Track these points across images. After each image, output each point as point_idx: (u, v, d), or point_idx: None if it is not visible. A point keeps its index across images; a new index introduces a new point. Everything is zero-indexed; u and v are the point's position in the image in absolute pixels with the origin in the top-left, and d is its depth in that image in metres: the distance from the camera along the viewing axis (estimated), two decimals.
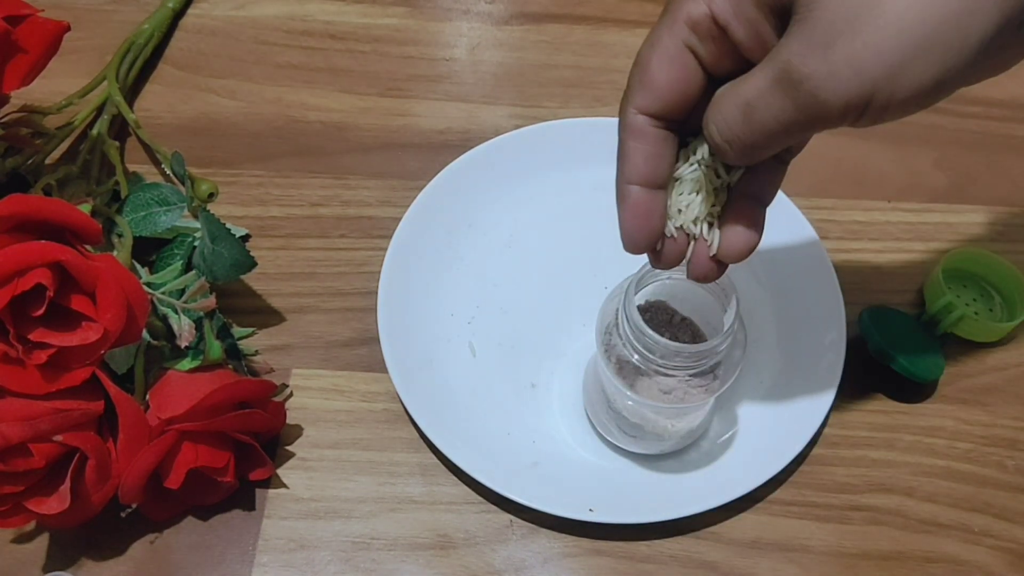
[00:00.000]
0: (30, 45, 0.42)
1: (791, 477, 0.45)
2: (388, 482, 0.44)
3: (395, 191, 0.54)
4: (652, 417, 0.41)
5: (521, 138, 0.54)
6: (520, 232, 0.52)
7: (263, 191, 0.54)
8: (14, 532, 0.42)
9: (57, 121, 0.51)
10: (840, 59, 0.25)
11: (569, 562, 0.42)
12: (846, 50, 0.25)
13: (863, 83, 0.25)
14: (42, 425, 0.36)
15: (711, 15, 0.28)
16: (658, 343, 0.36)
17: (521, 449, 0.45)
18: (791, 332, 0.48)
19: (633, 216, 0.32)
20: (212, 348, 0.42)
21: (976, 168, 0.56)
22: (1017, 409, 0.47)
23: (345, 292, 0.50)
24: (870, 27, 0.25)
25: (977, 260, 0.50)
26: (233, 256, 0.45)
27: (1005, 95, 0.58)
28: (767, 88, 0.27)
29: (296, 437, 0.46)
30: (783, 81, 0.26)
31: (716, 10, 0.28)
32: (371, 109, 0.58)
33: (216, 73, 0.59)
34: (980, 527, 0.44)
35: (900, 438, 0.46)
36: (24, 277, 0.35)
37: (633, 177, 0.32)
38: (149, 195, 0.47)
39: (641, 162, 0.31)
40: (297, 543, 0.43)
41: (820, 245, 0.49)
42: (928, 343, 0.47)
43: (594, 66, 0.60)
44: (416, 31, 0.62)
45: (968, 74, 0.26)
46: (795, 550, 0.43)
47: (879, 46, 0.25)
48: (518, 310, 0.49)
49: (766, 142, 0.28)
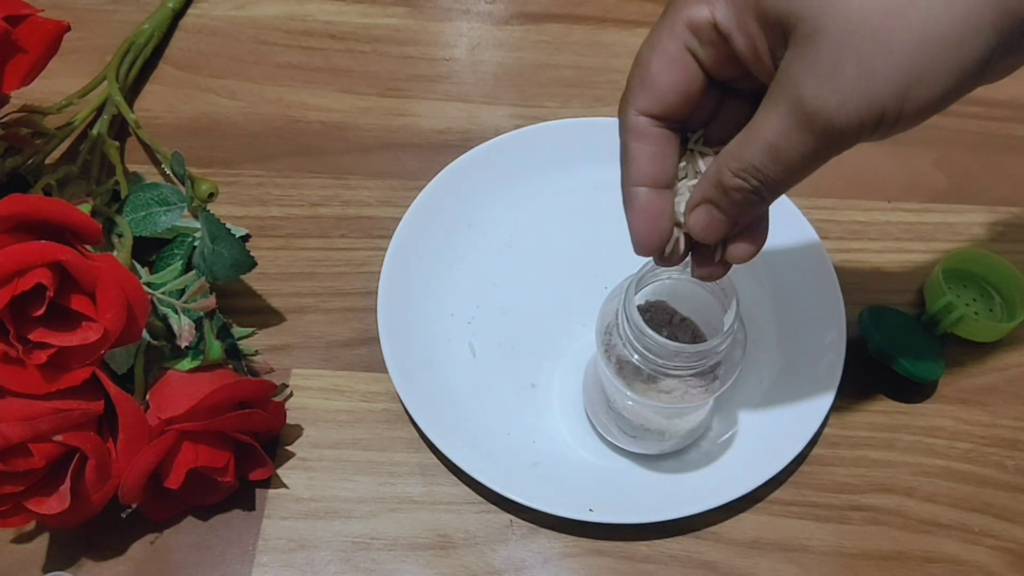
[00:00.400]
0: (30, 45, 0.42)
1: (791, 477, 0.45)
2: (388, 482, 0.44)
3: (395, 191, 0.54)
4: (652, 417, 0.41)
5: (521, 138, 0.54)
6: (520, 232, 0.52)
7: (263, 191, 0.54)
8: (14, 532, 0.42)
9: (57, 121, 0.51)
10: (849, 87, 0.26)
11: (569, 562, 0.42)
12: (853, 76, 0.25)
13: (873, 105, 0.26)
14: (42, 425, 0.36)
15: (713, 22, 0.28)
16: (658, 343, 0.36)
17: (521, 449, 0.45)
18: (791, 332, 0.48)
19: (642, 219, 0.32)
20: (212, 348, 0.42)
21: (976, 168, 0.56)
22: (1017, 409, 0.47)
23: (345, 292, 0.50)
24: (874, 53, 0.25)
25: (977, 260, 0.50)
26: (233, 256, 0.45)
27: (1005, 95, 0.58)
28: (788, 127, 0.27)
29: (296, 437, 0.46)
30: (799, 117, 0.27)
31: (719, 18, 0.28)
32: (371, 109, 0.58)
33: (216, 73, 0.59)
34: (980, 527, 0.43)
35: (900, 438, 0.46)
36: (24, 277, 0.35)
37: (639, 179, 0.31)
38: (149, 195, 0.47)
39: (646, 163, 0.31)
40: (297, 543, 0.43)
41: (820, 245, 0.49)
42: (928, 343, 0.47)
43: (594, 66, 0.60)
44: (416, 31, 0.62)
45: (974, 84, 0.26)
46: (795, 550, 0.43)
47: (885, 72, 0.25)
48: (518, 310, 0.49)
49: (796, 176, 0.29)
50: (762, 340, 0.47)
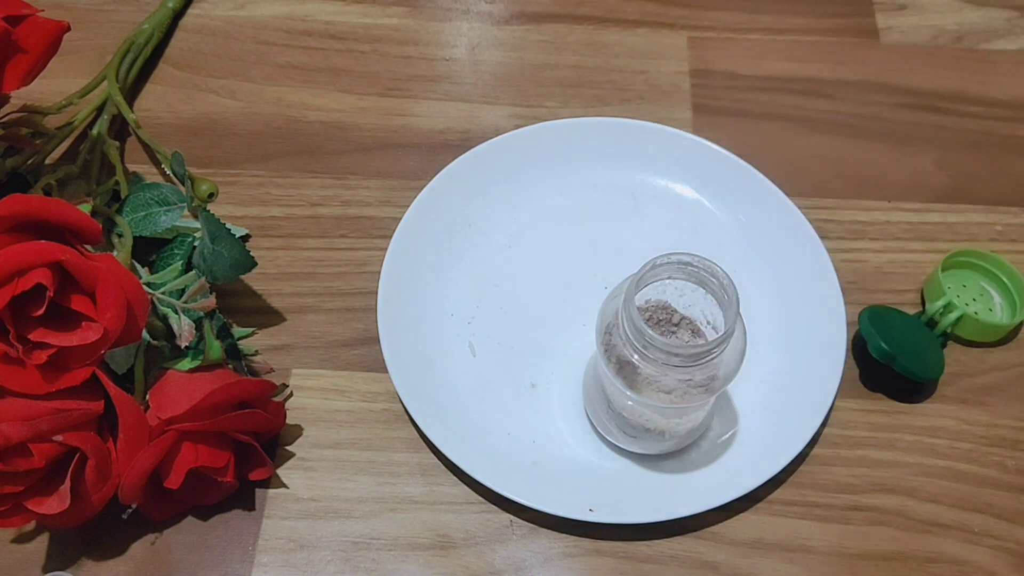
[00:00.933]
0: (30, 45, 0.42)
1: (791, 477, 0.45)
2: (388, 482, 0.44)
3: (395, 191, 0.54)
4: (652, 417, 0.41)
5: (521, 138, 0.54)
6: (520, 232, 0.52)
7: (263, 191, 0.54)
8: (14, 532, 0.42)
9: (57, 121, 0.51)
10: None
11: (569, 562, 0.42)
12: None
13: None
14: (42, 425, 0.36)
15: None
16: (658, 343, 0.36)
17: (521, 449, 0.45)
18: (791, 332, 0.48)
19: None
20: (212, 348, 0.42)
21: (977, 168, 0.56)
22: (1017, 409, 0.47)
23: (345, 292, 0.50)
24: None
25: (977, 260, 0.50)
26: (233, 256, 0.45)
27: (1005, 95, 0.58)
28: None
29: (296, 437, 0.46)
30: None
31: None
32: (371, 109, 0.58)
33: (216, 73, 0.59)
34: (981, 527, 0.43)
35: (901, 438, 0.46)
36: (24, 277, 0.35)
37: None
38: (149, 195, 0.47)
39: None
40: (297, 543, 0.43)
41: (820, 245, 0.49)
42: (928, 343, 0.47)
43: (594, 66, 0.60)
44: (416, 31, 0.62)
45: None
46: (796, 550, 0.43)
47: None
48: (518, 310, 0.49)
49: None
50: (762, 340, 0.47)
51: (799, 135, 0.57)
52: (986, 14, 0.63)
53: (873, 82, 0.59)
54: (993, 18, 0.62)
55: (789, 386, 0.46)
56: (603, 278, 0.48)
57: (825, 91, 0.59)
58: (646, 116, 0.56)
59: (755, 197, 0.52)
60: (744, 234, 0.51)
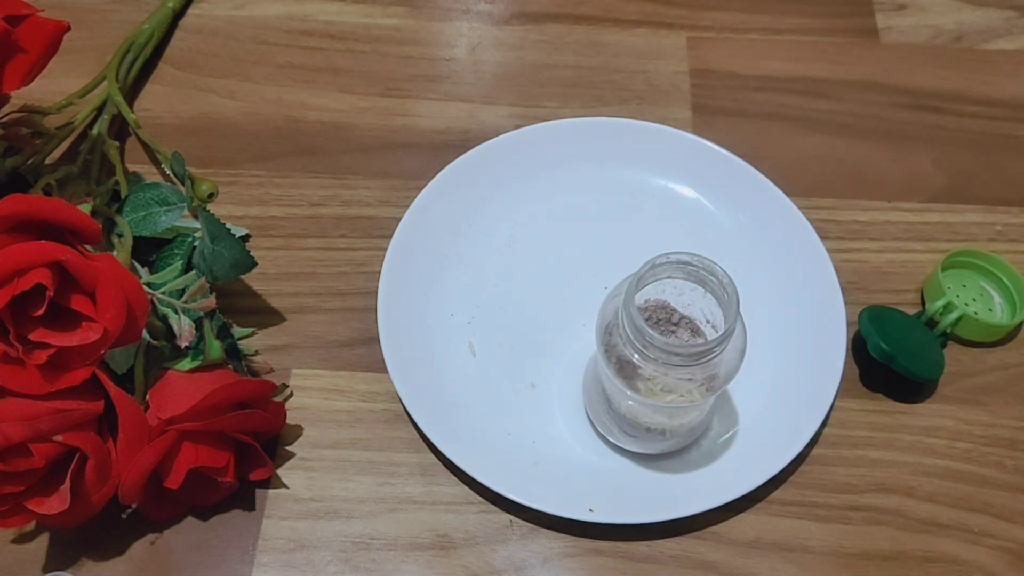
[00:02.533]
0: (30, 45, 0.42)
1: (791, 477, 0.45)
2: (388, 482, 0.44)
3: (395, 191, 0.54)
4: (652, 416, 0.41)
5: (521, 138, 0.54)
6: (520, 232, 0.52)
7: (263, 191, 0.54)
8: (14, 532, 0.42)
9: (57, 121, 0.51)
10: None
11: (569, 562, 0.42)
12: None
13: None
14: (42, 425, 0.36)
15: None
16: (658, 343, 0.36)
17: (521, 449, 0.45)
18: (791, 332, 0.48)
19: None
20: (212, 348, 0.42)
21: (976, 168, 0.56)
22: (1017, 409, 0.47)
23: (345, 292, 0.50)
24: None
25: (977, 260, 0.50)
26: (233, 256, 0.45)
27: (1005, 95, 0.58)
28: None
29: (296, 437, 0.46)
30: None
31: None
32: (371, 109, 0.58)
33: (216, 73, 0.59)
34: (980, 527, 0.44)
35: (900, 438, 0.46)
36: (24, 277, 0.35)
37: None
38: (149, 195, 0.47)
39: None
40: (297, 543, 0.43)
41: (820, 245, 0.49)
42: (928, 343, 0.47)
43: (594, 66, 0.60)
44: (416, 31, 0.62)
45: None
46: (795, 550, 0.43)
47: None
48: (518, 310, 0.49)
49: None
50: (762, 340, 0.47)
51: (798, 135, 0.57)
52: (985, 14, 0.63)
53: (872, 82, 0.59)
54: (992, 18, 0.62)
55: (789, 386, 0.46)
56: (603, 278, 0.48)
57: (824, 91, 0.59)
58: (646, 116, 0.56)
59: (755, 197, 0.52)
60: (744, 234, 0.51)
